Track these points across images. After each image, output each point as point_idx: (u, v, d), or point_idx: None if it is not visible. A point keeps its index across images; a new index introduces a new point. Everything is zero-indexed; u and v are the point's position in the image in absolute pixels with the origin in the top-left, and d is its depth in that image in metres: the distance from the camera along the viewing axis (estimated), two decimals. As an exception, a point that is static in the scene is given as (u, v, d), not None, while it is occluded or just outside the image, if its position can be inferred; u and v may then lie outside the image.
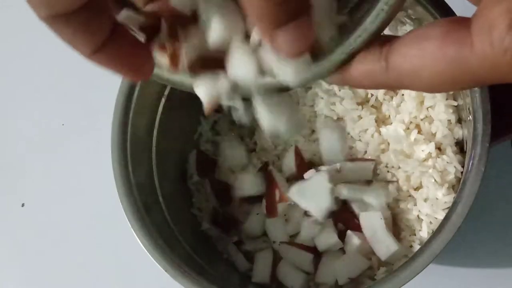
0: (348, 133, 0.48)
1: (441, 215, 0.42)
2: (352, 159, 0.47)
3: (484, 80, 0.22)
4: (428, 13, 0.39)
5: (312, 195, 0.43)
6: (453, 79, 0.22)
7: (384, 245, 0.43)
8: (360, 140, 0.48)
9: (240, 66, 0.25)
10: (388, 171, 0.46)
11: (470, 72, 0.21)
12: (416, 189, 0.44)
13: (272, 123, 0.26)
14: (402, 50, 0.23)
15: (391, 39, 0.24)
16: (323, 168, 0.45)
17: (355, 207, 0.45)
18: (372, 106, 0.48)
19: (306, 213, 0.46)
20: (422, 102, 0.45)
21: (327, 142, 0.47)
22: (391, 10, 0.24)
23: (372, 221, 0.43)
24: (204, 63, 0.25)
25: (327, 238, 0.45)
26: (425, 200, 0.43)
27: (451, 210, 0.37)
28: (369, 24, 0.24)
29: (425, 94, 0.45)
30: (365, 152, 0.47)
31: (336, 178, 0.45)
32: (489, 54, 0.20)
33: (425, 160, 0.44)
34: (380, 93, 0.47)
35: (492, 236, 0.50)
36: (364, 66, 0.24)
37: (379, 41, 0.24)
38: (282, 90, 0.26)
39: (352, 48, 0.24)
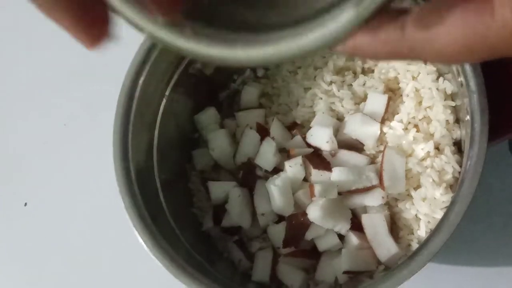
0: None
1: (439, 215, 0.42)
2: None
3: (500, 50, 0.22)
4: None
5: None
6: (467, 47, 0.22)
7: (385, 247, 0.43)
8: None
9: None
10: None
11: (486, 40, 0.21)
12: (415, 188, 0.44)
13: None
14: (419, 18, 0.23)
15: (409, 10, 0.24)
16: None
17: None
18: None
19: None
20: (420, 103, 0.45)
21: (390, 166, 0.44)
22: None
23: (375, 223, 0.44)
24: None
25: (328, 240, 0.45)
26: (423, 199, 0.43)
27: (449, 209, 0.38)
28: None
29: (423, 94, 0.45)
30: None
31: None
32: (510, 22, 0.21)
33: (424, 159, 0.44)
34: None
35: (490, 236, 0.50)
36: (379, 34, 0.24)
37: (396, 11, 0.24)
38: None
39: (363, 14, 0.22)
